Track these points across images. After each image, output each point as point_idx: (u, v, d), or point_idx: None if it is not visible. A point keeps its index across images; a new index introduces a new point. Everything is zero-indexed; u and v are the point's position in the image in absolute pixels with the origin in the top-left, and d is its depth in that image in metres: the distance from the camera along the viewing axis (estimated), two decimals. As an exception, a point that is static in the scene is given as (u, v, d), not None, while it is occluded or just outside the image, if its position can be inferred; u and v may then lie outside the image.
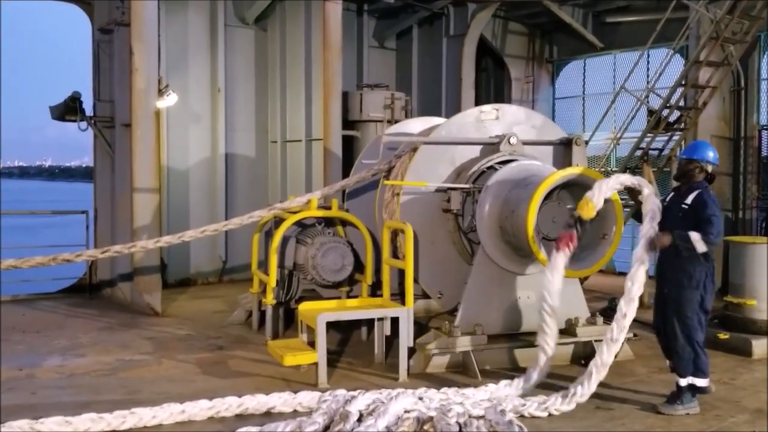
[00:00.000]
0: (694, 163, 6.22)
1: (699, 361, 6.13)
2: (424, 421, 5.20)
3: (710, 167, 6.25)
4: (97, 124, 11.77)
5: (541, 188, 6.83)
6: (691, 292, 6.09)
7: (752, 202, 12.58)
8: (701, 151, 6.27)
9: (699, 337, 6.13)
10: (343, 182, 9.43)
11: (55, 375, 7.29)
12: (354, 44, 14.83)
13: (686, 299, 6.11)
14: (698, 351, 6.13)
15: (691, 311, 6.10)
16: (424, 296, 8.47)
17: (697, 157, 6.23)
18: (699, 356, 6.13)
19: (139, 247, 8.76)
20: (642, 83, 13.29)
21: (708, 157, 6.23)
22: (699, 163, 6.21)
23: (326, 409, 5.41)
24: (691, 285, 6.08)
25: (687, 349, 6.12)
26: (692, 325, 6.10)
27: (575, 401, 6.13)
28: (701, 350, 6.15)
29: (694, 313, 6.10)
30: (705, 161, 6.21)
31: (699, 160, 6.21)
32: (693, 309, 6.10)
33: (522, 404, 6.07)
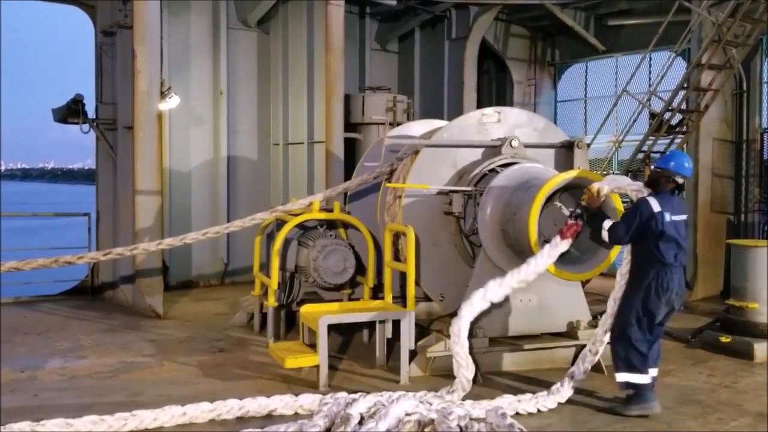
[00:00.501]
0: (664, 172, 6.24)
1: (632, 358, 6.17)
2: (425, 423, 5.19)
3: (680, 178, 6.23)
4: (100, 126, 11.79)
5: (542, 191, 6.83)
6: (635, 291, 6.18)
7: (754, 205, 12.56)
8: (679, 163, 6.25)
9: (635, 335, 6.17)
10: (345, 185, 9.43)
11: (56, 377, 7.30)
12: (356, 47, 14.85)
13: (628, 297, 6.25)
14: (630, 349, 6.17)
15: (630, 308, 6.19)
16: (426, 299, 8.47)
17: (667, 167, 6.23)
18: (631, 354, 6.17)
19: (141, 250, 8.76)
20: (644, 86, 13.29)
21: (678, 169, 6.21)
22: (668, 172, 6.22)
23: (327, 411, 5.41)
24: (638, 284, 6.17)
25: (621, 345, 6.22)
26: (628, 322, 6.18)
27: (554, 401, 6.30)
28: (635, 349, 6.17)
29: (633, 309, 6.17)
30: (674, 172, 6.21)
31: (666, 170, 6.23)
32: (632, 306, 6.18)
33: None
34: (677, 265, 6.17)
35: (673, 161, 6.25)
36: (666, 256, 6.08)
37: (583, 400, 6.55)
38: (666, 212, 6.07)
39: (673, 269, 6.14)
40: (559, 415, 6.18)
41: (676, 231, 6.11)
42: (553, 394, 6.38)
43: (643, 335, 6.19)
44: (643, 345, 6.19)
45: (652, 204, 6.09)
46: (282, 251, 8.50)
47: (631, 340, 6.17)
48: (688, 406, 6.38)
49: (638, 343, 6.17)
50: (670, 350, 8.40)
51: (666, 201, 6.15)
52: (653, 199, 6.13)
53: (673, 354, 8.25)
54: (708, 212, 12.06)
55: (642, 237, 6.12)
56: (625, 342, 6.20)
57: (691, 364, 7.84)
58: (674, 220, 6.11)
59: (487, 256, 7.45)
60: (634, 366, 6.16)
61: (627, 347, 6.19)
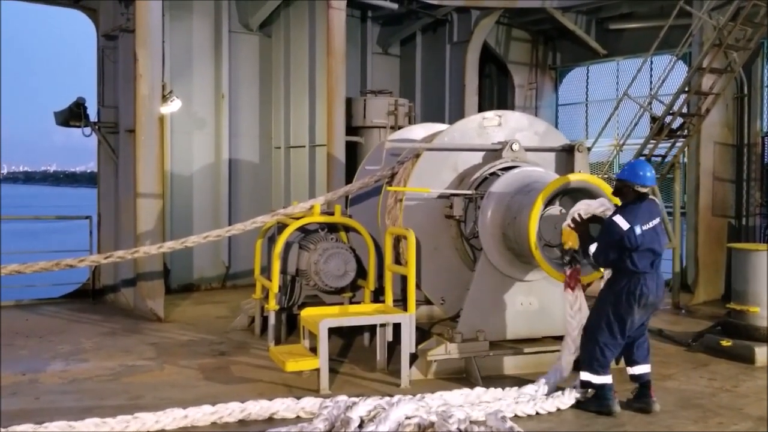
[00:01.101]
0: (624, 183, 6.29)
1: (595, 360, 6.28)
2: (425, 427, 5.20)
3: (641, 188, 6.25)
4: (101, 129, 11.82)
5: (542, 194, 6.84)
6: (607, 296, 6.29)
7: (755, 209, 12.57)
8: (630, 173, 6.30)
9: (603, 338, 6.26)
10: (346, 188, 9.43)
11: (58, 380, 7.31)
12: (358, 50, 14.87)
13: (601, 300, 6.34)
14: (595, 350, 6.27)
15: (600, 312, 6.28)
16: (427, 302, 8.48)
17: (624, 178, 6.29)
18: (596, 355, 6.28)
19: (143, 253, 8.77)
20: (645, 90, 13.30)
21: (636, 180, 6.24)
22: (627, 183, 6.28)
23: (327, 415, 5.42)
24: (610, 289, 6.29)
25: (587, 347, 6.35)
26: (598, 325, 6.28)
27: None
28: (600, 351, 6.26)
29: (603, 314, 6.25)
30: (634, 182, 6.25)
31: (626, 181, 6.28)
32: (603, 311, 6.26)
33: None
34: (651, 272, 6.21)
35: (631, 171, 6.29)
36: (639, 265, 6.14)
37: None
38: (636, 226, 6.09)
39: (647, 276, 6.18)
40: (559, 419, 6.19)
41: (650, 240, 6.14)
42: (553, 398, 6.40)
43: (614, 339, 6.27)
44: (612, 348, 6.29)
45: (620, 223, 6.10)
46: (283, 254, 8.50)
47: (599, 343, 6.27)
48: (688, 410, 6.38)
49: (606, 347, 6.27)
50: (671, 354, 8.41)
51: (633, 212, 6.16)
52: (620, 218, 6.13)
53: (674, 358, 8.25)
54: (709, 216, 12.07)
55: (619, 251, 6.16)
56: (592, 343, 6.31)
57: (691, 367, 7.84)
58: (645, 229, 6.12)
59: (488, 260, 7.46)
60: (595, 368, 6.27)
61: (592, 349, 6.30)
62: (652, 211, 6.30)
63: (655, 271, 6.26)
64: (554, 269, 6.92)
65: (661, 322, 10.10)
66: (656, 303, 6.32)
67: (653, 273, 6.23)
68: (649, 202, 6.34)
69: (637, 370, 6.42)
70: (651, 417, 6.21)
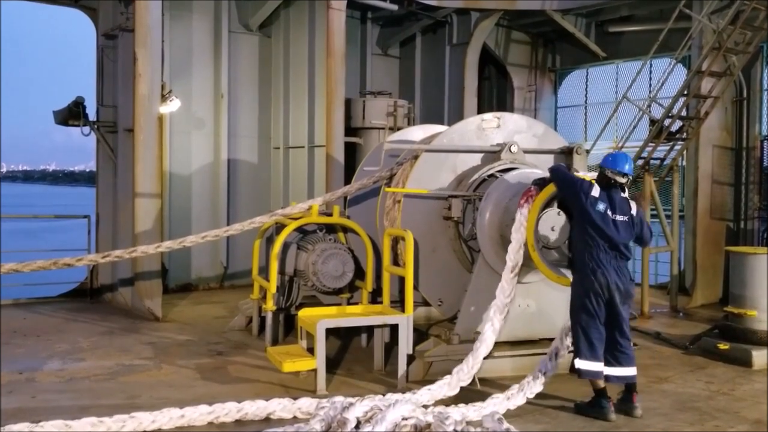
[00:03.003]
0: (604, 170, 6.52)
1: (581, 344, 6.35)
2: (422, 428, 5.20)
3: (619, 177, 6.46)
4: (100, 128, 11.82)
5: (540, 197, 6.84)
6: (574, 279, 6.49)
7: (754, 212, 12.57)
8: (611, 159, 6.55)
9: (582, 320, 6.35)
10: (345, 189, 9.44)
11: (55, 379, 7.30)
12: (357, 51, 14.88)
13: (572, 284, 6.53)
14: (581, 333, 6.35)
15: (574, 294, 6.46)
16: (425, 303, 8.48)
17: (604, 165, 6.53)
18: (581, 339, 6.35)
19: (140, 252, 8.77)
20: (644, 93, 13.30)
21: (614, 164, 6.49)
22: (605, 170, 6.50)
23: (324, 415, 5.42)
24: (575, 272, 6.49)
25: (573, 329, 6.48)
26: (574, 307, 6.45)
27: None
28: (583, 332, 6.34)
29: (576, 296, 6.41)
30: (610, 169, 6.48)
31: (606, 168, 6.51)
32: (576, 292, 6.44)
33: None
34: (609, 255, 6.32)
35: (609, 160, 6.56)
36: (595, 242, 6.32)
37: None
38: (601, 203, 6.35)
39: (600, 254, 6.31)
40: (555, 421, 6.19)
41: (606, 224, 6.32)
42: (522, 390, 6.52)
43: (591, 318, 6.32)
44: (594, 329, 6.34)
45: (594, 191, 6.40)
46: (281, 255, 8.51)
47: (581, 324, 6.36)
48: (685, 413, 6.38)
49: (588, 327, 6.33)
50: (668, 357, 8.42)
51: (605, 192, 6.42)
52: (597, 188, 6.43)
53: (672, 360, 8.25)
54: (707, 219, 12.07)
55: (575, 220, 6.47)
56: (575, 327, 6.44)
57: (689, 371, 7.83)
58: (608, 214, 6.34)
59: (486, 261, 7.46)
60: (583, 351, 6.33)
61: (576, 332, 6.42)
62: (623, 206, 6.44)
63: (614, 259, 6.35)
64: (552, 271, 6.91)
65: (658, 324, 10.12)
66: (620, 287, 6.32)
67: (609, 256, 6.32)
68: (623, 199, 6.48)
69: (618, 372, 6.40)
70: (648, 419, 6.21)
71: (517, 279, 7.25)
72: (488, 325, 6.80)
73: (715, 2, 11.18)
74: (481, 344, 6.76)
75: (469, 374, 6.67)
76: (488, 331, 6.80)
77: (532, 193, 6.85)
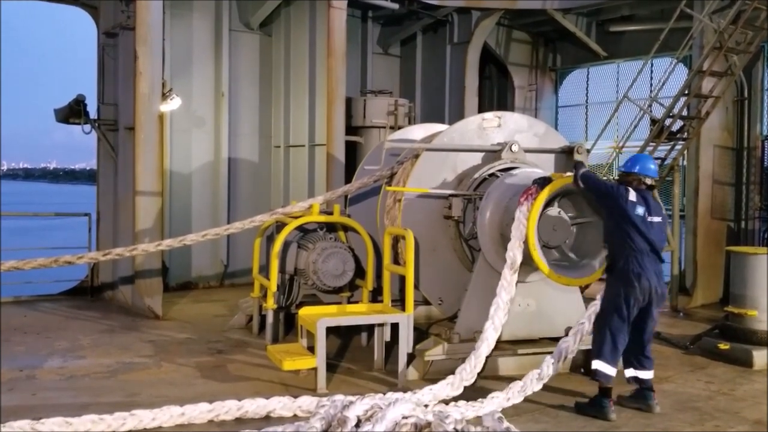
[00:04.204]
0: (633, 176, 6.50)
1: (605, 346, 6.34)
2: (422, 426, 5.20)
3: (649, 179, 6.50)
4: (101, 127, 11.81)
5: (541, 196, 6.85)
6: (610, 280, 6.42)
7: (754, 212, 12.57)
8: (641, 163, 6.54)
9: (612, 323, 6.32)
10: (345, 188, 9.45)
11: (55, 376, 7.31)
12: (358, 50, 14.87)
13: (606, 286, 6.47)
14: (608, 336, 6.33)
15: (607, 297, 6.40)
16: (425, 302, 8.48)
17: (635, 171, 6.50)
18: (605, 342, 6.34)
19: (141, 250, 8.78)
20: (645, 92, 13.29)
21: (647, 170, 6.50)
22: (637, 176, 6.48)
23: (324, 414, 5.41)
24: (611, 273, 6.41)
25: (599, 334, 6.40)
26: (606, 311, 6.38)
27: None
28: (612, 337, 6.32)
29: (610, 299, 6.36)
30: (644, 174, 6.48)
31: (637, 173, 6.48)
32: (609, 295, 6.38)
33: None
34: (650, 257, 6.31)
35: (638, 165, 6.52)
36: (636, 244, 6.27)
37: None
38: (640, 206, 6.31)
39: (644, 257, 6.29)
40: (555, 420, 6.19)
41: (647, 229, 6.31)
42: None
43: (622, 322, 6.32)
44: (622, 335, 6.34)
45: (631, 195, 6.33)
46: (281, 254, 8.51)
47: (610, 329, 6.32)
48: (685, 413, 6.38)
49: (617, 332, 6.31)
50: (669, 357, 8.41)
51: (641, 194, 6.40)
52: (632, 190, 6.37)
53: (672, 360, 8.25)
54: (708, 219, 12.07)
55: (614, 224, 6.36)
56: (603, 330, 6.37)
57: (689, 370, 7.83)
58: (648, 219, 6.32)
59: (486, 261, 7.46)
60: (607, 355, 6.32)
61: (604, 335, 6.36)
62: (656, 207, 6.46)
63: (654, 263, 6.35)
64: (552, 270, 6.92)
65: (659, 324, 10.04)
66: (658, 291, 6.33)
67: (651, 260, 6.32)
68: (655, 201, 6.49)
69: (644, 375, 6.48)
70: (647, 419, 6.22)
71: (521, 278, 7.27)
72: (489, 323, 6.80)
73: (716, 2, 11.17)
74: (483, 343, 6.76)
75: (472, 374, 6.65)
76: (489, 329, 6.79)
77: (532, 192, 6.85)
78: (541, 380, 6.53)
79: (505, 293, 6.85)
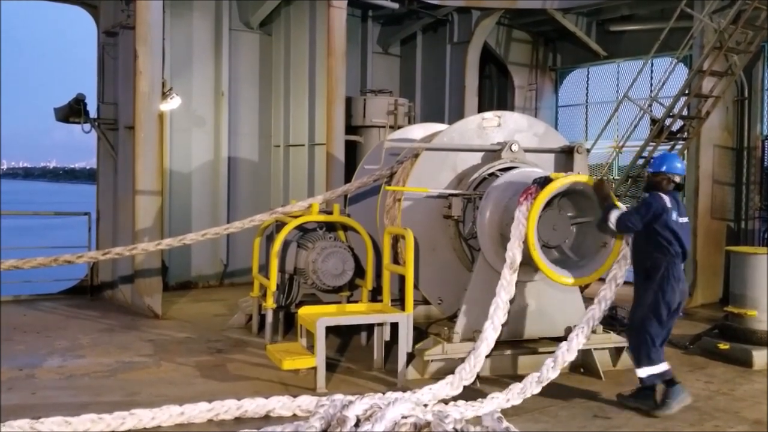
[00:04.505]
0: (661, 176, 6.53)
1: (651, 351, 6.37)
2: (421, 426, 5.19)
3: (678, 177, 6.54)
4: (101, 126, 11.80)
5: (541, 196, 6.84)
6: (648, 285, 6.39)
7: (754, 212, 12.56)
8: (668, 163, 6.57)
9: (652, 328, 6.36)
10: (345, 187, 9.44)
11: (55, 375, 7.31)
12: (358, 50, 14.86)
13: (644, 288, 6.42)
14: (649, 342, 6.36)
15: (646, 302, 6.39)
16: (425, 302, 8.48)
17: (664, 170, 6.52)
18: (650, 347, 6.36)
19: (140, 250, 8.77)
20: (645, 92, 13.28)
21: (675, 169, 6.53)
22: (666, 175, 6.51)
23: (323, 413, 5.41)
24: (650, 278, 6.38)
25: (639, 338, 6.41)
26: (646, 316, 6.37)
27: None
28: (652, 342, 6.36)
29: (650, 304, 6.36)
30: (672, 173, 6.52)
31: (665, 173, 6.51)
32: (648, 300, 6.37)
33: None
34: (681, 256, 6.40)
35: (666, 164, 6.54)
36: (675, 248, 6.31)
37: (581, 404, 6.56)
38: (674, 210, 6.36)
39: (679, 261, 6.38)
40: (555, 419, 6.19)
41: (680, 230, 6.37)
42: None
43: (661, 328, 6.40)
44: (660, 338, 6.42)
45: (665, 198, 6.34)
46: (281, 253, 8.51)
47: (650, 334, 6.36)
48: (685, 413, 6.36)
49: (656, 336, 6.38)
50: (669, 356, 8.28)
51: (673, 198, 6.45)
52: (664, 195, 6.36)
53: (671, 360, 8.14)
54: (708, 219, 12.06)
55: (658, 230, 6.32)
56: (642, 336, 6.38)
57: (688, 370, 7.82)
58: (680, 221, 6.39)
59: (486, 260, 7.46)
60: (653, 359, 6.38)
61: (644, 341, 6.38)
62: (683, 208, 6.57)
63: (682, 264, 6.47)
64: (552, 270, 6.92)
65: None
66: (686, 292, 6.51)
67: (681, 262, 6.43)
68: (681, 200, 6.57)
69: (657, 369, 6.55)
70: (647, 419, 6.21)
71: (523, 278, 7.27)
72: (489, 323, 6.80)
73: (717, 1, 11.17)
74: (482, 343, 6.76)
75: (471, 373, 6.66)
76: (489, 329, 6.79)
77: (532, 192, 6.84)
78: (540, 383, 6.53)
79: (504, 293, 6.85)
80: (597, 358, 7.46)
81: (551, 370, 6.59)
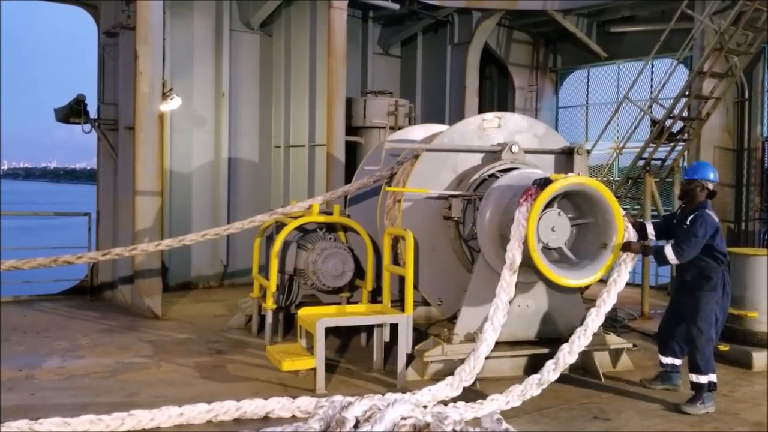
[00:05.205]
0: (695, 183, 6.75)
1: (713, 358, 6.59)
2: (421, 427, 5.19)
3: (711, 185, 6.76)
4: (101, 126, 11.80)
5: (541, 197, 6.83)
6: (709, 294, 6.59)
7: (755, 213, 12.57)
8: (701, 171, 6.81)
9: (712, 336, 6.61)
10: (345, 188, 9.43)
11: (54, 376, 7.30)
12: (359, 51, 14.87)
13: (705, 300, 6.59)
14: (709, 349, 6.57)
15: (710, 311, 6.57)
16: (424, 303, 8.47)
17: (697, 177, 6.76)
18: (710, 354, 6.57)
19: (140, 250, 8.77)
20: (645, 93, 13.30)
21: (708, 176, 6.76)
22: (699, 182, 6.74)
23: (323, 414, 5.41)
24: (709, 286, 6.59)
25: (708, 347, 6.55)
26: (710, 323, 6.55)
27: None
28: (710, 349, 6.60)
29: (711, 312, 6.57)
30: (705, 180, 6.75)
31: (699, 180, 6.74)
32: (711, 309, 6.58)
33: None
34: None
35: (699, 172, 6.80)
36: (724, 255, 6.65)
37: (580, 406, 6.56)
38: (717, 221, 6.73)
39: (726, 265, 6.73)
40: (555, 421, 6.18)
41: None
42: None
43: (716, 335, 6.67)
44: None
45: (714, 215, 6.66)
46: (281, 254, 8.50)
47: (712, 341, 6.61)
48: (684, 415, 6.36)
49: (712, 342, 6.62)
50: (668, 358, 8.39)
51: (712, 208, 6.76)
52: (711, 211, 6.66)
53: (671, 361, 8.23)
54: (708, 220, 12.04)
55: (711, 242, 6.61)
56: (707, 344, 6.54)
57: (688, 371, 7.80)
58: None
59: (486, 261, 7.45)
60: (713, 367, 6.58)
61: (707, 348, 6.54)
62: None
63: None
64: (552, 271, 6.91)
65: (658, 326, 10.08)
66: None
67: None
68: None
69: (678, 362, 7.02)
70: (647, 420, 6.21)
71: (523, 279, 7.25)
72: (488, 324, 6.79)
73: (717, 3, 11.18)
74: (482, 344, 6.75)
75: (471, 374, 6.65)
76: (489, 330, 6.78)
77: (532, 193, 6.83)
78: (541, 385, 6.52)
79: (504, 294, 6.84)
80: (597, 359, 7.45)
81: (552, 372, 6.59)
